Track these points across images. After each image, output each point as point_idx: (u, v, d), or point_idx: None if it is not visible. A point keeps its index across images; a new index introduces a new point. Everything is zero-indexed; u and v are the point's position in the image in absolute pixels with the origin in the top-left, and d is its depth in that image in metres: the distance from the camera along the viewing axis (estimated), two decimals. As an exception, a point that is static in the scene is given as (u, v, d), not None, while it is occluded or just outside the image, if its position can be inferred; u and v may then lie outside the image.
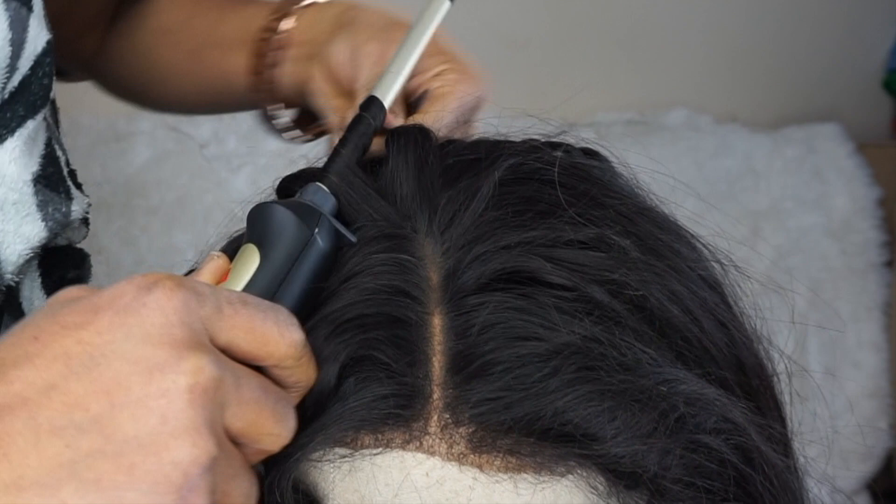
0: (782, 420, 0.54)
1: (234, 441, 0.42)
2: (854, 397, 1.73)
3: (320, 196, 0.51)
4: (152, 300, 0.40)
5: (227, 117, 1.78)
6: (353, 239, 0.50)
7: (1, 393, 0.38)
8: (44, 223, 0.64)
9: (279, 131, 0.77)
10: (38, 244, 0.63)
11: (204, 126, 1.78)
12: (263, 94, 0.75)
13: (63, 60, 0.82)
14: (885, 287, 1.87)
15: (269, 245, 0.48)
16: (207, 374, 0.40)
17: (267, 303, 0.45)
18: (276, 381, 0.45)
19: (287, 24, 0.73)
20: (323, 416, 0.46)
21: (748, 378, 0.51)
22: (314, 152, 0.78)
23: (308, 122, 0.77)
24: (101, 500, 0.37)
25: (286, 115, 0.76)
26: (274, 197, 0.57)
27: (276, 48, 0.72)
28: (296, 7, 0.74)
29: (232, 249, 0.50)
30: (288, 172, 0.56)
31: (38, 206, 0.64)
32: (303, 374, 0.45)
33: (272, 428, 0.43)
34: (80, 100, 0.67)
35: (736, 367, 0.51)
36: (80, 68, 0.87)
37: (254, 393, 0.42)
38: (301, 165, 0.60)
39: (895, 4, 2.07)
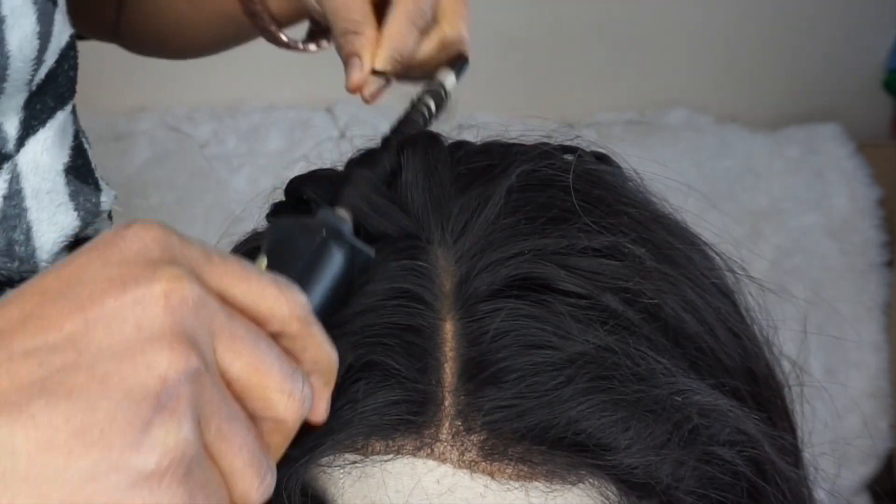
0: (793, 430, 0.54)
1: (241, 399, 0.40)
2: (854, 397, 1.73)
3: (332, 217, 0.50)
4: (131, 233, 0.39)
5: (226, 117, 1.78)
6: (370, 253, 0.49)
7: None
8: (76, 213, 0.66)
9: (290, 47, 0.77)
10: (71, 233, 0.64)
11: (204, 126, 1.78)
12: (259, 18, 0.75)
13: (87, 30, 0.83)
14: (885, 287, 1.87)
15: (275, 251, 0.47)
16: (186, 284, 0.37)
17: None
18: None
19: None
20: (332, 420, 0.46)
21: (760, 388, 0.51)
22: (314, 153, 0.78)
23: (317, 34, 0.77)
24: (73, 410, 0.35)
25: (285, 36, 0.76)
26: (279, 197, 0.57)
27: None
28: None
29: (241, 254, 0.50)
30: (287, 172, 0.56)
31: (70, 195, 0.66)
32: (317, 349, 0.42)
33: (279, 381, 0.40)
34: (80, 100, 0.68)
35: (748, 378, 0.51)
36: (104, 36, 0.89)
37: (249, 332, 0.39)
38: (301, 165, 0.60)
39: (895, 4, 2.07)
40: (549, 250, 0.48)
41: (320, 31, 0.76)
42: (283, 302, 0.41)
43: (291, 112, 1.82)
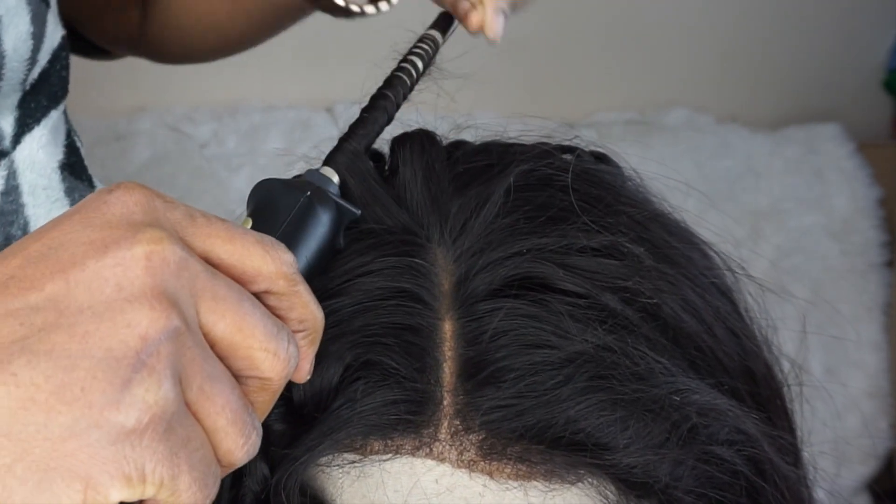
0: (792, 430, 0.54)
1: (226, 358, 0.40)
2: (854, 397, 1.73)
3: (318, 177, 0.50)
4: (113, 197, 0.39)
5: (226, 117, 1.77)
6: (356, 211, 0.49)
7: None
8: None
9: (349, 13, 0.74)
10: None
11: (204, 126, 1.77)
12: None
13: (105, 38, 0.82)
14: (885, 287, 1.86)
15: (259, 211, 0.47)
16: (168, 246, 0.37)
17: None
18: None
19: None
20: (330, 420, 0.46)
21: (759, 388, 0.51)
22: (314, 153, 0.78)
23: None
24: (54, 368, 0.35)
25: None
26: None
27: None
28: None
29: None
30: (287, 172, 0.56)
31: (65, 192, 0.67)
32: (304, 307, 0.42)
33: (263, 341, 0.40)
34: (80, 100, 0.68)
35: (747, 377, 0.51)
36: (124, 43, 0.88)
37: (233, 292, 0.39)
38: (301, 165, 0.60)
39: (895, 4, 2.07)
40: (547, 250, 0.48)
41: None
42: (269, 260, 0.41)
43: (291, 112, 1.81)
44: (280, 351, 0.40)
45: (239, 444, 0.39)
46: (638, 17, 2.00)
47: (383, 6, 0.73)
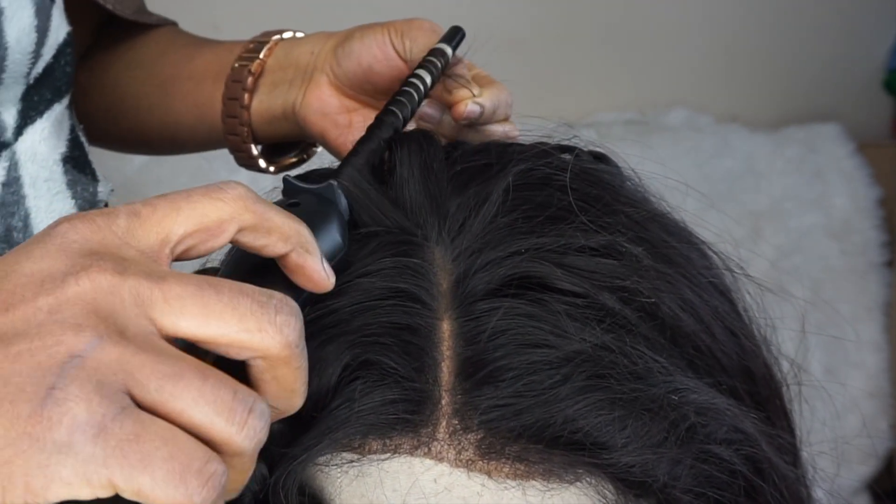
0: (791, 429, 0.54)
1: (215, 350, 0.40)
2: (854, 397, 1.73)
3: (332, 190, 0.51)
4: (55, 230, 0.40)
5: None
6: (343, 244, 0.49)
7: None
8: (73, 201, 0.67)
9: (248, 164, 0.76)
10: None
11: (204, 125, 1.78)
12: (235, 122, 0.73)
13: None
14: (885, 287, 1.87)
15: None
16: (96, 274, 0.39)
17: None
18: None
19: (264, 52, 0.72)
20: (329, 419, 0.46)
21: (758, 387, 0.51)
22: (314, 153, 0.78)
23: (273, 154, 0.76)
24: None
25: (255, 148, 0.74)
26: (278, 196, 0.57)
27: (253, 74, 0.71)
28: (274, 38, 0.73)
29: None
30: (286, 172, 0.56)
31: (67, 184, 0.67)
32: (279, 227, 0.43)
33: (238, 321, 0.40)
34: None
35: (746, 377, 0.51)
36: None
37: (188, 286, 0.39)
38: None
39: (895, 4, 2.07)
40: (546, 249, 0.48)
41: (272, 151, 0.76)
42: (222, 202, 0.41)
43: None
44: (264, 324, 0.40)
45: (232, 430, 0.39)
46: (638, 17, 2.00)
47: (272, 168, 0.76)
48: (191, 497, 0.37)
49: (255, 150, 0.74)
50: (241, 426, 0.39)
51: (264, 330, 0.40)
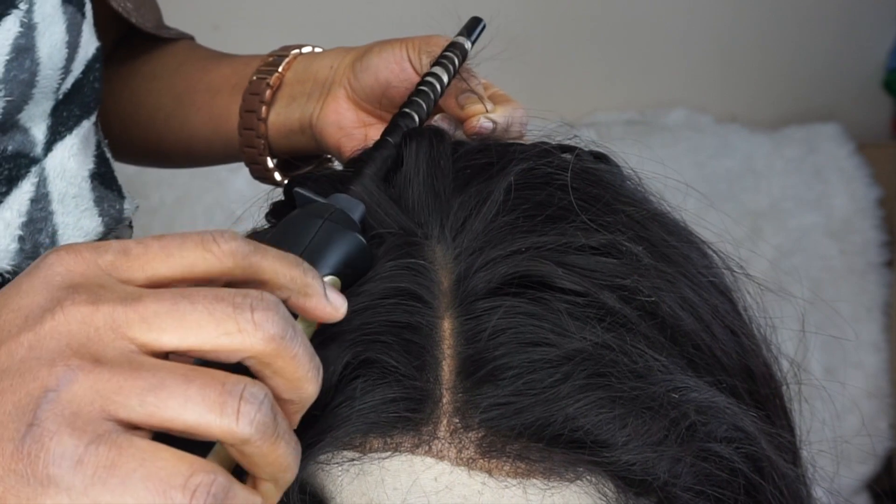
0: (791, 428, 0.54)
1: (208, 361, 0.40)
2: (853, 397, 1.73)
3: (345, 200, 0.51)
4: (43, 263, 0.41)
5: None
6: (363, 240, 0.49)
7: None
8: (101, 218, 0.67)
9: (263, 177, 0.76)
10: (94, 238, 0.65)
11: (204, 125, 1.77)
12: (251, 134, 0.73)
13: None
14: (885, 287, 1.87)
15: (280, 237, 0.48)
16: (69, 307, 0.39)
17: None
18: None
19: (283, 65, 0.72)
20: (330, 418, 0.46)
21: (757, 386, 0.51)
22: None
23: (289, 168, 0.76)
24: None
25: (270, 161, 0.75)
26: (279, 196, 0.57)
27: (272, 87, 0.72)
28: (293, 52, 0.74)
29: None
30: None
31: (94, 201, 0.67)
32: (270, 271, 0.43)
33: (217, 328, 0.40)
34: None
35: (746, 375, 0.51)
36: None
37: (163, 303, 0.40)
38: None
39: (895, 4, 2.07)
40: (546, 248, 0.49)
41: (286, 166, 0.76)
42: (212, 256, 0.42)
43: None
44: (242, 324, 0.40)
45: (227, 422, 0.39)
46: (638, 17, 2.00)
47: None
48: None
49: (270, 163, 0.74)
50: (235, 415, 0.39)
51: (244, 330, 0.40)
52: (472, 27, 0.65)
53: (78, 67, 0.63)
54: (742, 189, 1.88)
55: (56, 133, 0.64)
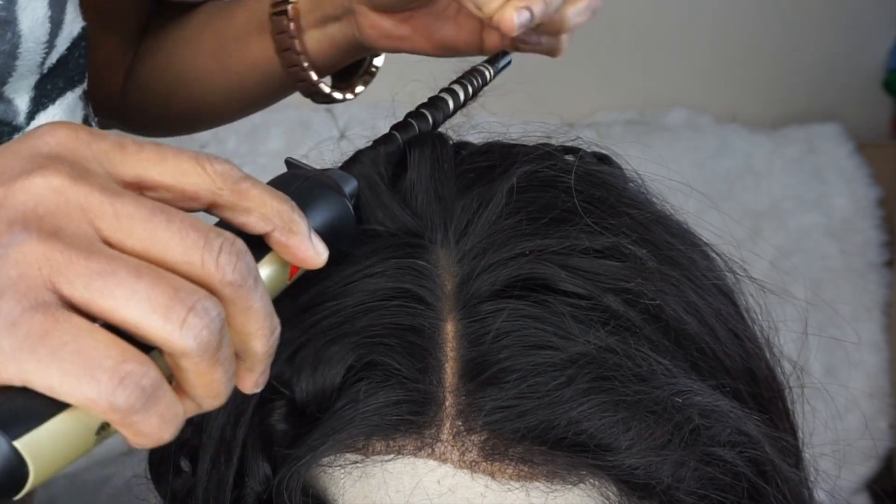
0: (793, 431, 0.54)
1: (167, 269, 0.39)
2: (854, 397, 1.73)
3: (337, 174, 0.51)
4: (39, 130, 0.40)
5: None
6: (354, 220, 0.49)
7: None
8: None
9: (326, 98, 0.78)
10: None
11: (204, 125, 1.78)
12: (296, 67, 0.75)
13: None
14: (885, 287, 1.87)
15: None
16: (52, 178, 0.38)
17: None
18: (242, 228, 0.42)
19: None
20: (333, 420, 0.46)
21: (761, 390, 0.51)
22: (313, 154, 0.78)
23: (346, 79, 0.78)
24: None
25: (325, 83, 0.77)
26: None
27: (293, 18, 0.73)
28: None
29: None
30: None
31: None
32: (261, 204, 0.42)
33: (182, 252, 0.39)
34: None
35: (749, 379, 0.51)
36: (105, 106, 0.88)
37: (141, 209, 0.39)
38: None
39: (895, 4, 2.07)
40: (550, 251, 0.48)
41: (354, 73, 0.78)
42: (204, 172, 0.41)
43: (291, 112, 1.81)
44: (207, 259, 0.39)
45: (169, 328, 0.37)
46: (638, 17, 2.00)
47: (349, 95, 0.79)
48: (103, 394, 0.36)
49: (314, 76, 0.75)
50: (180, 324, 0.37)
51: (206, 266, 0.39)
52: (497, 59, 0.65)
53: (62, 44, 0.64)
54: (742, 189, 1.88)
55: (39, 104, 0.64)
